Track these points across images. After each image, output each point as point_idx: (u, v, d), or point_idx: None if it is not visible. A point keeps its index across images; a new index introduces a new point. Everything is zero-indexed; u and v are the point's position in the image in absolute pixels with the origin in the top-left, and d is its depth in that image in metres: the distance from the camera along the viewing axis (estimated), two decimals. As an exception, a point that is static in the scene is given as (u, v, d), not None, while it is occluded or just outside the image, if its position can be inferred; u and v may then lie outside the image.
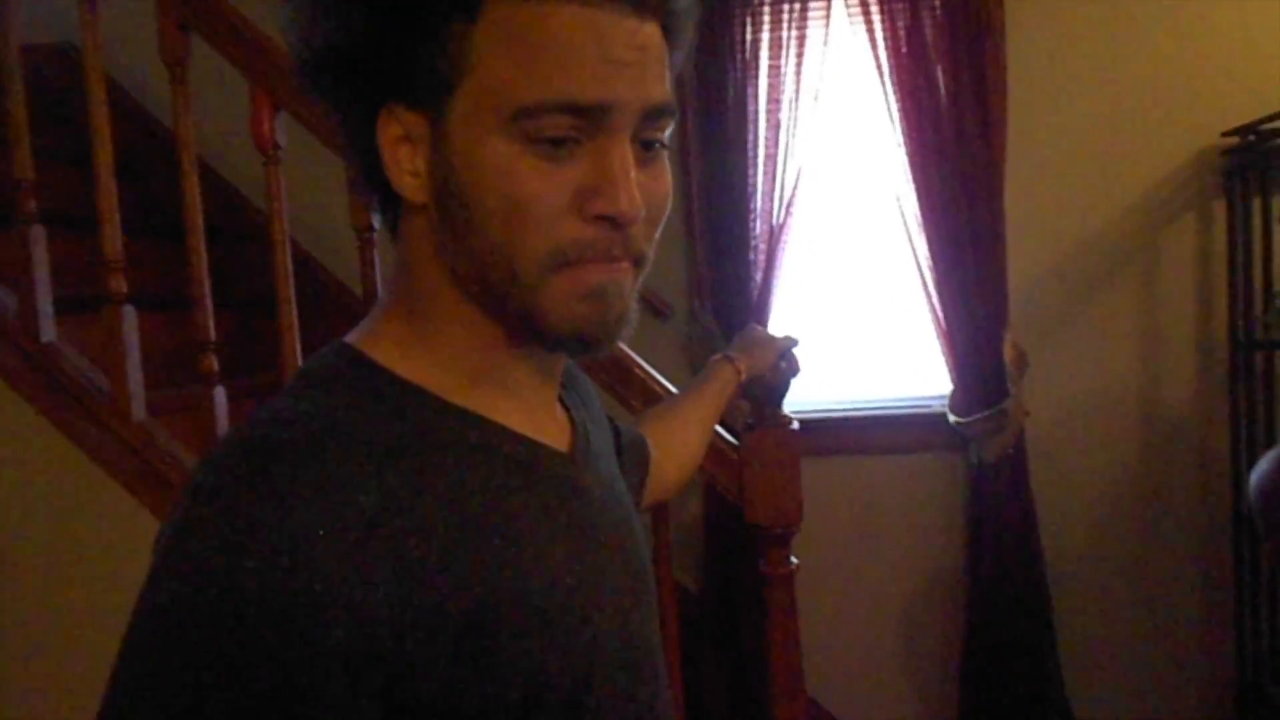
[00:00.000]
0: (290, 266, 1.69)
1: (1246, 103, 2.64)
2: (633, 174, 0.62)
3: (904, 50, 2.69)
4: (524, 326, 0.65)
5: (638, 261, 0.66)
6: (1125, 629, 2.87)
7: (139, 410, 1.76)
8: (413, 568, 0.56)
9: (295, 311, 1.69)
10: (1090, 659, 2.86)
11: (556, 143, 0.60)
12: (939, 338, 2.78)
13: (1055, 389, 2.84)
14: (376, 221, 0.76)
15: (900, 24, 2.69)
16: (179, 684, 0.51)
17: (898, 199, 2.76)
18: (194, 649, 0.51)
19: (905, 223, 2.76)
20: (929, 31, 2.68)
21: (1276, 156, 2.50)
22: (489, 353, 0.68)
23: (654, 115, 0.63)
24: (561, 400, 0.79)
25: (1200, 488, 2.82)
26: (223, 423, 1.73)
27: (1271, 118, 2.48)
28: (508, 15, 0.60)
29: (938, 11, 2.68)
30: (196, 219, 1.72)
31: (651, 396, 1.68)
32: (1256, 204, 2.65)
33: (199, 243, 1.72)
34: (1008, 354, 2.76)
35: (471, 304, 0.66)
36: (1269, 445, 2.63)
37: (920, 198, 2.72)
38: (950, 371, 2.79)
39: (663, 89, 0.64)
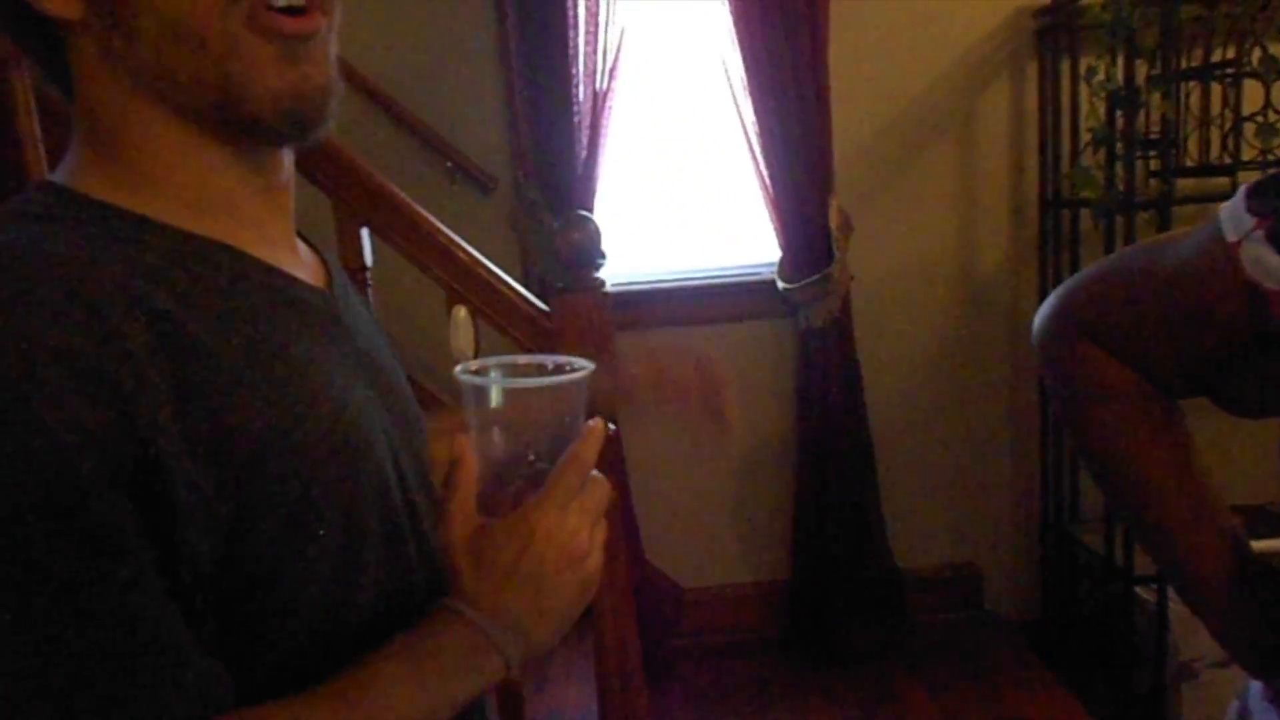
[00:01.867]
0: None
1: (1058, -37, 2.66)
2: None
3: (727, -96, 2.59)
4: (223, 108, 0.59)
5: (328, 12, 0.61)
6: (943, 482, 3.02)
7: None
8: (196, 388, 0.53)
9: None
10: (911, 512, 3.01)
11: None
12: (766, 204, 2.77)
13: (878, 254, 2.89)
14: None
15: (722, -124, 2.58)
16: None
17: (723, 63, 2.70)
18: None
19: (731, 88, 2.71)
20: (751, -116, 2.58)
21: (1086, 17, 2.55)
22: (207, 175, 0.62)
23: None
24: (308, 243, 0.75)
25: (1011, 346, 2.96)
26: None
27: (1080, -22, 2.52)
28: None
29: None
30: None
31: (456, 266, 1.61)
32: (1066, 66, 2.71)
33: None
34: (833, 219, 2.78)
35: (169, 115, 0.60)
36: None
37: (745, 61, 2.66)
38: (778, 238, 2.80)
39: None
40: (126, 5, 0.56)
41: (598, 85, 2.66)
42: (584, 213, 2.41)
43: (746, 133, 2.72)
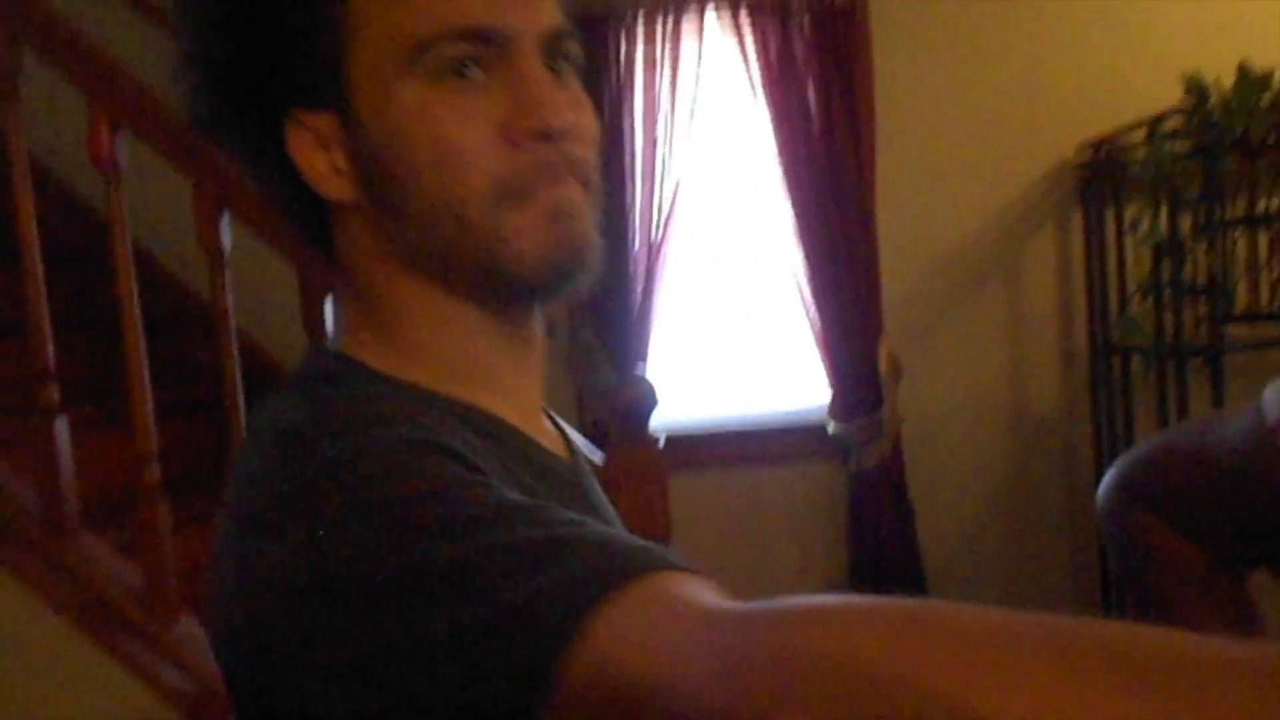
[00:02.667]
0: (135, 288, 1.61)
1: (1099, 118, 2.76)
2: (549, 86, 0.60)
3: (775, 66, 2.74)
4: (487, 279, 0.61)
5: (586, 184, 0.62)
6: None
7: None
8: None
9: (142, 339, 1.62)
10: (969, 658, 2.93)
11: (461, 72, 0.58)
12: (817, 347, 2.83)
13: (928, 395, 2.91)
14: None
15: (771, 40, 2.74)
16: (394, 518, 0.47)
17: (773, 213, 2.80)
18: (374, 484, 0.48)
19: (781, 236, 2.80)
20: (798, 47, 2.73)
21: (1127, 169, 2.62)
22: (468, 342, 0.64)
23: (554, 40, 0.61)
24: (549, 416, 0.75)
25: (1067, 488, 2.93)
26: (64, 455, 1.64)
27: (1122, 131, 2.60)
28: None
29: (806, 28, 2.73)
30: (32, 240, 1.63)
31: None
32: (1110, 214, 2.77)
33: (35, 265, 1.64)
34: (883, 362, 2.82)
35: (434, 289, 0.62)
36: (1129, 445, 2.75)
37: (795, 211, 2.76)
38: (828, 380, 2.84)
39: (553, 13, 0.62)
40: (398, 192, 0.60)
41: (653, 236, 2.77)
42: (639, 374, 2.49)
43: (796, 278, 2.80)
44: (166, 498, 1.69)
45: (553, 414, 0.75)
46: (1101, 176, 2.77)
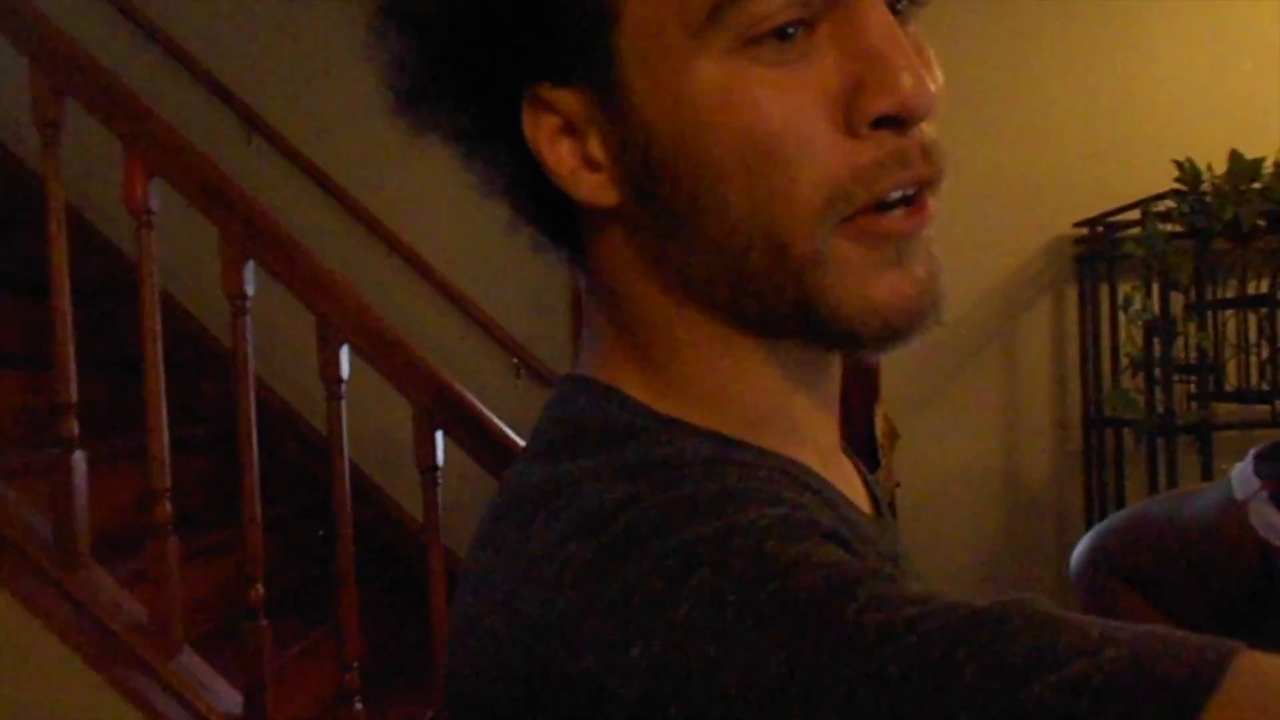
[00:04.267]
0: (159, 331, 1.67)
1: (1095, 197, 2.84)
2: (902, 41, 0.43)
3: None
4: (804, 327, 0.46)
5: (938, 189, 0.48)
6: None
7: (-10, 474, 1.71)
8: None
9: (162, 378, 1.68)
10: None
11: (784, 34, 0.41)
12: (815, 410, 2.88)
13: (924, 462, 2.96)
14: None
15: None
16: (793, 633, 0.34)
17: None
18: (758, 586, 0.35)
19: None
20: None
21: (1121, 248, 2.70)
22: (763, 386, 0.49)
23: None
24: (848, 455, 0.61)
25: (1059, 557, 2.96)
26: (80, 487, 1.69)
27: (1116, 211, 2.68)
28: None
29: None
30: (63, 281, 1.70)
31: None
32: (1104, 291, 2.84)
33: (64, 304, 1.70)
34: (879, 426, 2.87)
35: (717, 320, 0.48)
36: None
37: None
38: (825, 443, 2.89)
39: None
40: (685, 201, 0.45)
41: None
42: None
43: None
44: (175, 535, 1.73)
45: (849, 451, 0.60)
46: (1096, 254, 2.85)
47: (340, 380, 1.68)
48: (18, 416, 2.12)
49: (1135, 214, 2.58)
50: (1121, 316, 2.69)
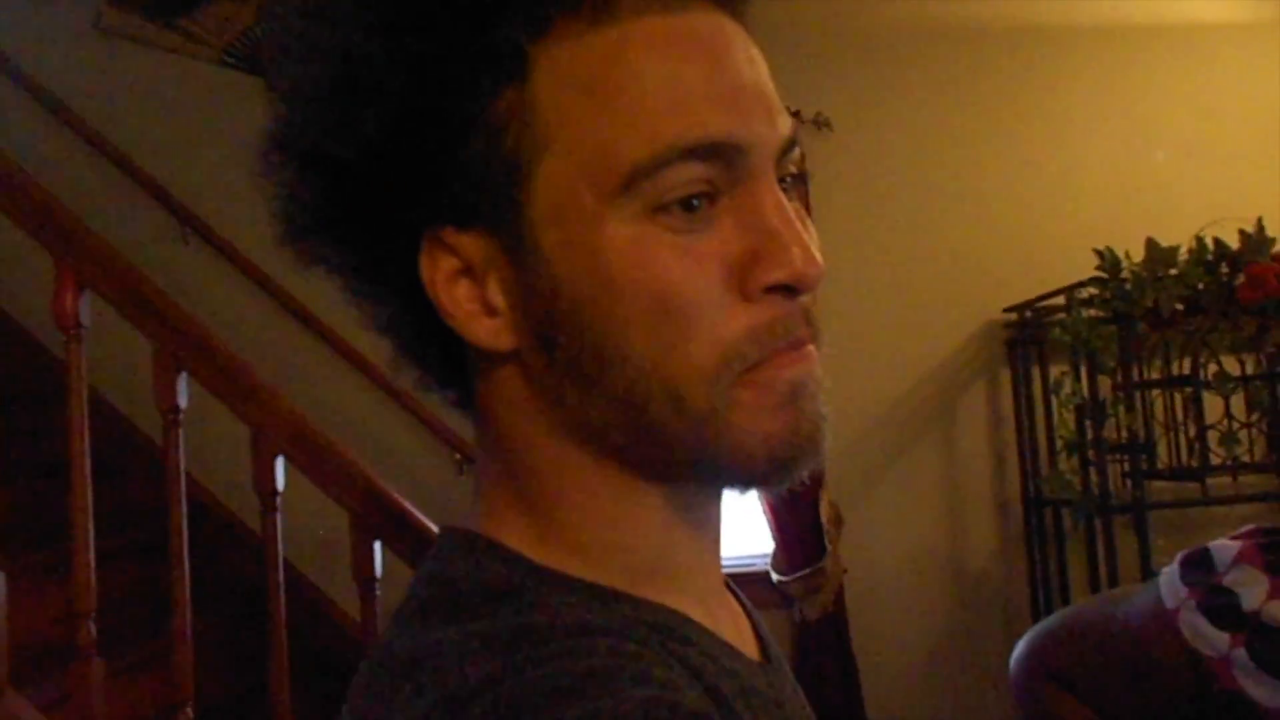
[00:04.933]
0: (86, 447, 1.63)
1: (1022, 283, 2.92)
2: (792, 219, 0.47)
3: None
4: (698, 473, 0.49)
5: (819, 345, 0.50)
6: (946, 782, 2.94)
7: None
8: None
9: (90, 493, 1.63)
10: (915, 815, 2.90)
11: (689, 205, 0.45)
12: (759, 498, 2.88)
13: (870, 545, 2.97)
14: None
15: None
16: None
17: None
18: None
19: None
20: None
21: (1049, 333, 2.77)
22: (647, 531, 0.50)
23: (787, 152, 0.49)
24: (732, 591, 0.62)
25: (1005, 639, 2.97)
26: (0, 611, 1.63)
27: (1043, 297, 2.76)
28: (571, 57, 0.45)
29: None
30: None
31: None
32: (1036, 374, 2.91)
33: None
34: (824, 513, 2.88)
35: (607, 467, 0.49)
36: (1064, 595, 2.82)
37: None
38: (771, 531, 2.89)
39: (786, 117, 0.49)
40: (589, 354, 0.46)
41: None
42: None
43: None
44: (100, 656, 1.67)
45: (733, 587, 0.61)
46: (1026, 339, 2.92)
47: (275, 494, 1.65)
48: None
49: (1061, 299, 2.66)
50: (1054, 399, 2.75)
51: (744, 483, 0.49)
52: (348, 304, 0.53)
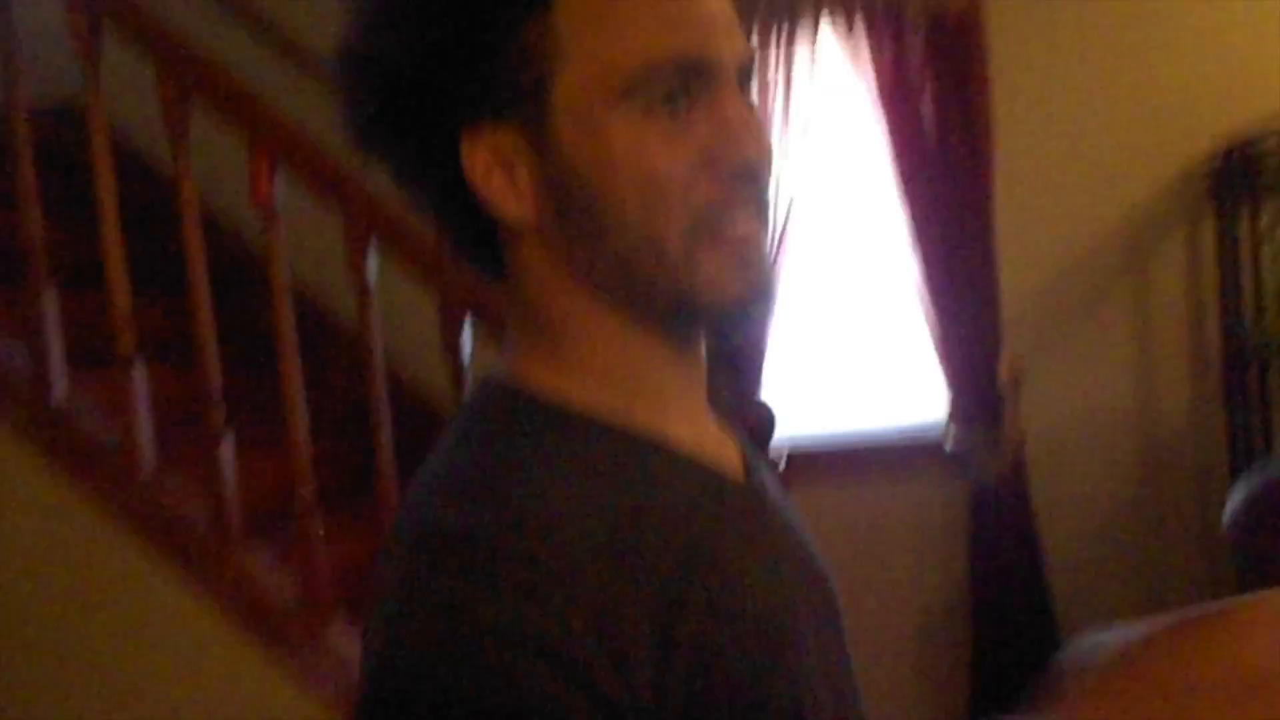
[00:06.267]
0: (292, 321, 1.74)
1: (1231, 117, 2.67)
2: (750, 117, 0.61)
3: (890, 76, 2.74)
4: (678, 311, 0.62)
5: (766, 215, 0.64)
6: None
7: (148, 468, 1.81)
8: (647, 602, 0.55)
9: (299, 368, 1.74)
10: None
11: (673, 101, 0.59)
12: (937, 361, 2.81)
13: (1052, 408, 2.86)
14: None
15: (885, 50, 2.74)
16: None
17: (890, 224, 2.80)
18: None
19: (898, 248, 2.80)
20: (914, 56, 2.73)
21: (1262, 170, 2.53)
22: (643, 363, 0.64)
23: (746, 75, 0.63)
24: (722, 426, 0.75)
25: (1199, 500, 2.84)
26: (229, 475, 1.78)
27: (1257, 134, 2.52)
28: None
29: (922, 36, 2.73)
30: (200, 277, 1.77)
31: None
32: (1244, 217, 2.68)
33: (203, 298, 1.78)
34: (1004, 373, 2.79)
35: (616, 313, 0.63)
36: (1265, 456, 2.66)
37: (912, 221, 2.76)
38: (948, 394, 2.82)
39: (746, 42, 0.64)
40: (594, 221, 0.60)
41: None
42: (759, 398, 2.53)
43: (915, 290, 2.79)
44: (319, 512, 1.81)
45: (725, 422, 0.74)
46: (1235, 178, 2.68)
47: (460, 351, 1.72)
48: (165, 406, 2.23)
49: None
50: (1266, 247, 2.53)
51: (716, 321, 0.63)
52: (398, 191, 0.67)
